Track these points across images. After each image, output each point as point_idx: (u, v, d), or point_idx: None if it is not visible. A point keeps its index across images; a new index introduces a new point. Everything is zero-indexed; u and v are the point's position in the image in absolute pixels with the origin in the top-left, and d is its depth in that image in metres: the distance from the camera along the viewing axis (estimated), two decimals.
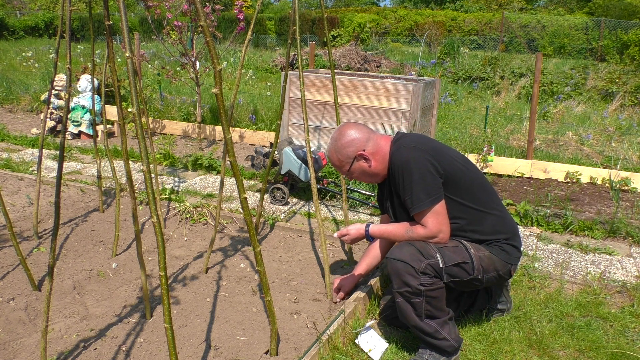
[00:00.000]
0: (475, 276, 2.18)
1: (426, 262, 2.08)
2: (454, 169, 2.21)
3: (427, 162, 2.14)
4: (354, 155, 2.29)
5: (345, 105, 4.77)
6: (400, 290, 2.12)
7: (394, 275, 2.13)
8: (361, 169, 2.32)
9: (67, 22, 2.43)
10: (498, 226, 2.28)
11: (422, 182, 2.13)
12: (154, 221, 1.68)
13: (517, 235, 2.35)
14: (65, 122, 2.55)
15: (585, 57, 17.57)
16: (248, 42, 2.78)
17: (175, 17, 5.48)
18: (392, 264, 2.14)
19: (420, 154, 2.17)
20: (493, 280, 2.28)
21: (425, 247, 2.14)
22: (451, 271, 2.12)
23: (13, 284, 2.76)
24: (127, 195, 4.09)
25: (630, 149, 5.73)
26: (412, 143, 2.23)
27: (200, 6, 1.61)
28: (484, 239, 2.25)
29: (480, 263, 2.19)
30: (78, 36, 21.66)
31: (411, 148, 2.20)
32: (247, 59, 13.04)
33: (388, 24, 25.99)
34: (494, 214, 2.28)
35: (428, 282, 2.08)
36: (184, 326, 2.42)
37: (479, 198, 2.25)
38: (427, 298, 2.09)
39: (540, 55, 5.07)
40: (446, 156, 2.23)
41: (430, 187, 2.13)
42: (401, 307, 2.15)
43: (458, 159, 2.29)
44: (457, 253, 2.16)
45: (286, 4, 43.98)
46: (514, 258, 2.31)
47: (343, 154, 2.30)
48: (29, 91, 8.20)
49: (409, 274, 2.08)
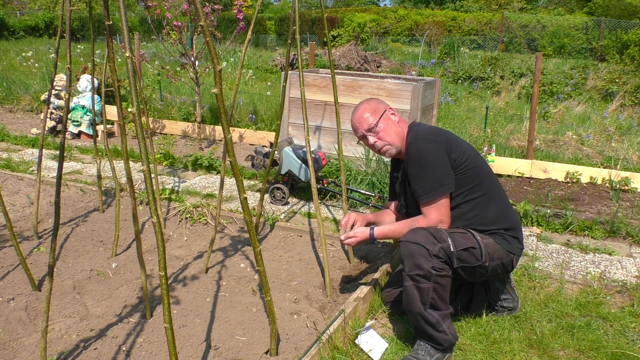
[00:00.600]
0: (482, 262, 2.24)
1: (439, 245, 2.15)
2: (465, 158, 2.31)
3: (442, 154, 2.26)
4: (382, 111, 2.43)
5: (345, 105, 4.77)
6: (411, 274, 2.16)
7: (407, 257, 2.18)
8: (387, 125, 2.42)
9: (67, 22, 2.43)
10: (500, 216, 2.36)
11: (434, 174, 2.25)
12: (154, 221, 1.68)
13: (518, 229, 2.41)
14: (65, 122, 2.55)
15: (585, 57, 17.57)
16: (248, 42, 2.78)
17: (175, 17, 5.48)
18: (406, 246, 2.19)
19: (436, 145, 2.28)
20: (497, 269, 2.32)
21: (438, 231, 2.21)
22: (461, 255, 2.19)
23: (13, 284, 2.76)
24: (127, 195, 4.09)
25: (630, 148, 5.73)
26: (428, 135, 2.34)
27: (200, 6, 1.61)
28: (487, 228, 2.32)
29: (487, 250, 2.26)
30: (78, 36, 21.66)
31: (428, 140, 2.31)
32: (247, 59, 13.04)
33: (388, 24, 25.99)
34: (498, 204, 2.37)
35: (439, 267, 2.13)
36: (184, 326, 2.42)
37: (485, 186, 2.35)
38: (435, 285, 2.13)
39: (540, 55, 5.07)
40: (458, 147, 2.33)
41: (441, 180, 2.24)
42: (408, 292, 2.18)
43: (469, 149, 2.39)
44: (465, 239, 2.24)
45: (286, 4, 43.98)
46: (516, 249, 2.37)
47: (372, 108, 2.43)
48: (29, 91, 8.20)
49: (423, 256, 2.13)
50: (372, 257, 3.27)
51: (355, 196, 4.18)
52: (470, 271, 2.26)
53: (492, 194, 2.36)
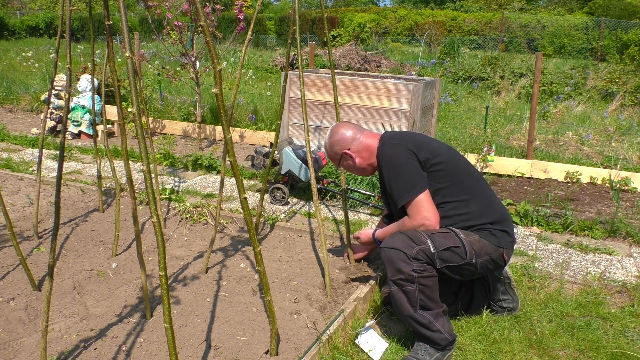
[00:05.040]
0: (468, 260, 2.21)
1: (417, 247, 2.14)
2: (436, 156, 2.31)
3: (408, 155, 2.28)
4: (340, 153, 2.56)
5: (345, 105, 4.77)
6: (394, 279, 2.17)
7: (388, 263, 2.19)
8: (348, 165, 2.59)
9: (67, 22, 2.43)
10: (484, 210, 2.33)
11: (403, 176, 2.27)
12: (154, 221, 1.68)
13: (506, 221, 2.38)
14: (65, 122, 2.55)
15: (585, 57, 17.58)
16: (248, 42, 2.78)
17: (176, 17, 5.48)
18: (385, 252, 2.21)
19: (401, 148, 2.31)
20: (487, 265, 2.29)
21: (416, 234, 2.20)
22: (443, 256, 2.17)
23: (13, 283, 2.76)
24: (127, 195, 4.09)
25: (630, 148, 5.73)
26: (393, 140, 2.39)
27: (200, 6, 1.61)
28: (471, 224, 2.30)
29: (472, 247, 2.23)
30: (78, 36, 21.68)
31: (393, 145, 2.36)
32: (247, 59, 13.04)
33: (388, 23, 26.00)
34: (481, 199, 2.34)
35: (420, 269, 2.12)
36: (184, 326, 2.42)
37: (463, 183, 2.33)
38: (420, 286, 2.12)
39: (540, 55, 5.07)
40: (428, 147, 2.35)
41: (411, 180, 2.25)
42: (395, 297, 2.18)
43: (441, 148, 2.40)
44: (447, 238, 2.21)
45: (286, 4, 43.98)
46: (505, 242, 2.33)
47: (333, 151, 2.59)
48: (29, 91, 8.21)
49: (401, 260, 2.13)
50: (372, 257, 3.27)
51: (355, 196, 4.19)
52: (457, 270, 2.23)
53: (472, 189, 2.34)
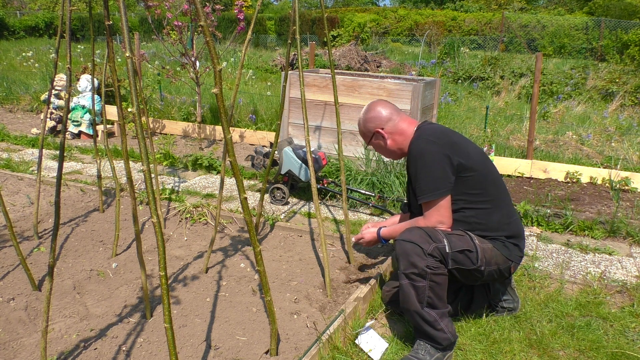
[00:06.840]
0: (478, 266, 2.23)
1: (434, 244, 2.15)
2: (470, 163, 2.28)
3: (441, 158, 2.24)
4: (373, 131, 2.48)
5: (345, 105, 4.77)
6: (406, 272, 2.17)
7: (402, 255, 2.19)
8: (378, 144, 2.52)
9: (67, 22, 2.43)
10: (503, 224, 2.33)
11: (431, 175, 2.23)
12: (154, 221, 1.68)
13: (521, 238, 2.39)
14: (65, 122, 2.55)
15: (585, 57, 17.58)
16: (248, 42, 2.78)
17: (176, 17, 5.48)
18: (401, 245, 2.20)
19: (436, 148, 2.26)
20: (493, 274, 2.31)
21: (433, 231, 2.21)
22: (456, 257, 2.18)
23: (13, 283, 2.76)
24: (127, 195, 4.09)
25: (630, 148, 5.73)
26: (431, 136, 2.32)
27: (200, 6, 1.61)
28: (488, 234, 2.30)
29: (484, 254, 2.24)
30: (78, 36, 21.67)
31: (429, 141, 2.29)
32: (247, 59, 13.04)
33: (388, 23, 26.00)
34: (502, 212, 2.34)
35: (434, 266, 2.13)
36: (184, 326, 2.42)
37: (490, 193, 2.32)
38: (431, 283, 2.13)
39: (540, 55, 5.07)
40: (463, 151, 2.30)
41: (438, 182, 2.22)
42: (405, 290, 2.19)
43: (476, 154, 2.35)
44: (462, 241, 2.22)
45: (286, 4, 43.97)
46: (515, 256, 2.35)
47: (366, 127, 2.50)
48: (29, 91, 8.21)
49: (417, 254, 2.14)
50: (372, 257, 3.28)
51: (355, 196, 4.18)
52: (465, 274, 2.25)
53: (496, 202, 2.33)
